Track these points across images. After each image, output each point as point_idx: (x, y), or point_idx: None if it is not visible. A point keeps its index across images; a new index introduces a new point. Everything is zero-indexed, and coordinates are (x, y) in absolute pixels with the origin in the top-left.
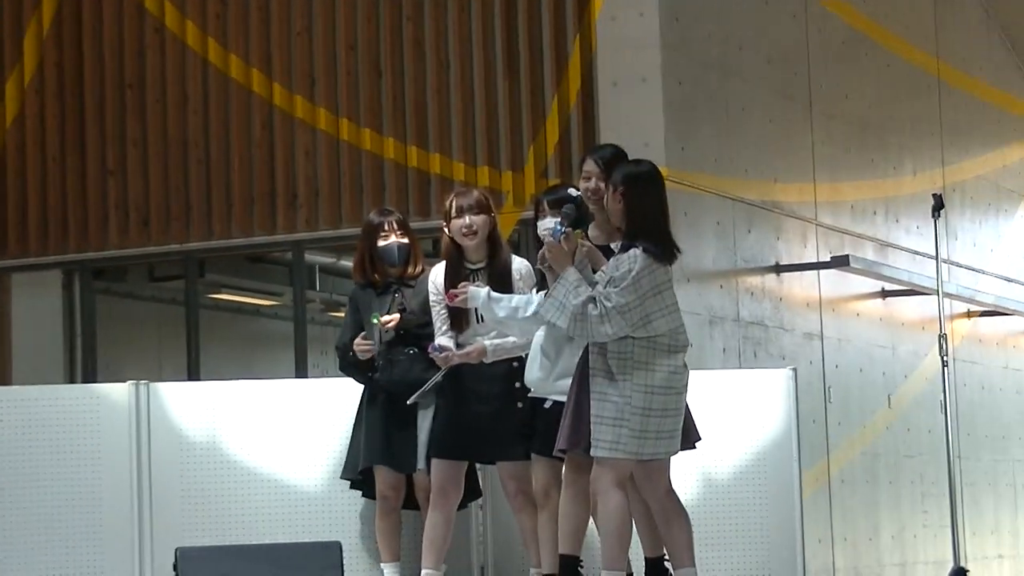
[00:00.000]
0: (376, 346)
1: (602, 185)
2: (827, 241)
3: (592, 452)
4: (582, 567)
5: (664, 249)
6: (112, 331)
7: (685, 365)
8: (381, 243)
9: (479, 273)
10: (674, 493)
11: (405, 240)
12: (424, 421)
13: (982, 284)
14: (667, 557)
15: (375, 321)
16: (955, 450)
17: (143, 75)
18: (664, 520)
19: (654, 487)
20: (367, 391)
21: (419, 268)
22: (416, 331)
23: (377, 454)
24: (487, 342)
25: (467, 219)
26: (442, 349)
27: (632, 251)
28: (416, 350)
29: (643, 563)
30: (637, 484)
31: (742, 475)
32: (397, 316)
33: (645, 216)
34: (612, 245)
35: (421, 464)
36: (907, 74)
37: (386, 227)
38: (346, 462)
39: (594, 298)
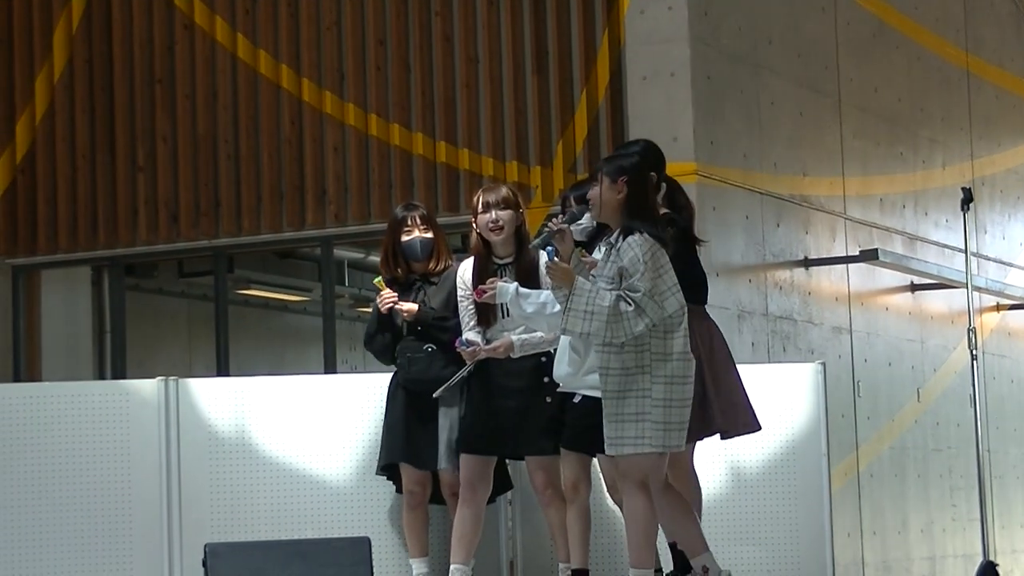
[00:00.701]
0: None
1: None
2: (856, 235)
3: (612, 451)
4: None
5: (662, 232)
6: (141, 327)
7: (691, 354)
8: (404, 238)
9: (506, 268)
10: (672, 486)
11: (428, 235)
12: (446, 419)
13: (1011, 277)
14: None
15: (375, 282)
16: (984, 444)
17: (172, 71)
18: (671, 514)
19: (655, 483)
20: (391, 386)
21: (442, 264)
22: (436, 323)
23: (398, 451)
24: (514, 337)
25: (493, 214)
26: (469, 343)
27: (631, 237)
28: (434, 347)
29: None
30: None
31: (771, 469)
32: (415, 306)
33: (645, 205)
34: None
35: (443, 464)
36: (937, 67)
37: (409, 222)
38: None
39: (620, 296)
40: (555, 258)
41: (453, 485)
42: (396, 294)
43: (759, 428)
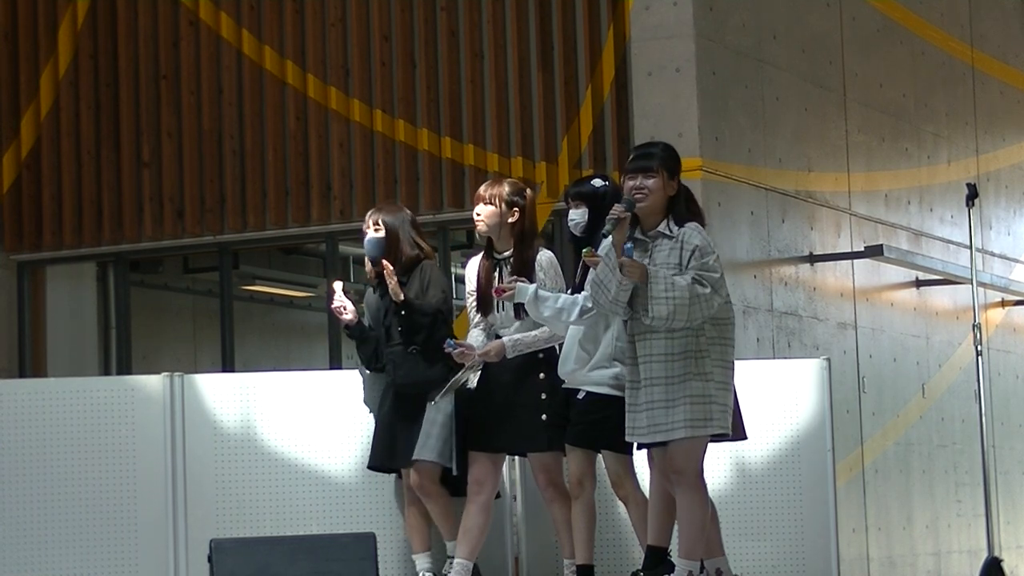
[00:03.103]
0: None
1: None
2: (861, 231)
3: (674, 435)
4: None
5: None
6: (147, 323)
7: None
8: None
9: (505, 263)
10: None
11: (379, 235)
12: (432, 413)
13: (1016, 273)
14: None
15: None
16: (989, 439)
17: (178, 67)
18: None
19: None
20: (384, 387)
21: (400, 260)
22: (416, 306)
23: (379, 456)
24: (506, 339)
25: (478, 207)
26: (457, 345)
27: (690, 224)
28: (417, 348)
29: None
30: (659, 470)
31: (776, 465)
32: (398, 290)
33: (692, 201)
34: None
35: (417, 454)
36: (941, 62)
37: (366, 223)
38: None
39: (695, 278)
40: (632, 255)
41: (420, 479)
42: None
43: (746, 437)
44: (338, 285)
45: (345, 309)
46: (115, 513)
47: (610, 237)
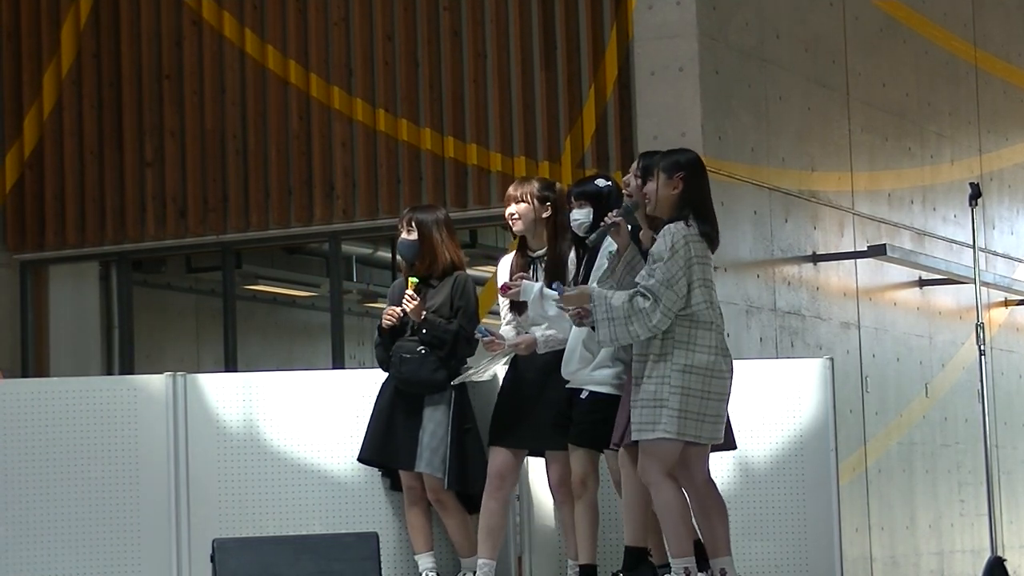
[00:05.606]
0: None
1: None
2: (864, 230)
3: (633, 436)
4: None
5: (713, 230)
6: (149, 322)
7: (727, 351)
8: (399, 238)
9: (539, 261)
10: (713, 483)
11: (411, 237)
12: (430, 423)
13: (1019, 273)
14: (651, 550)
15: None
16: (992, 439)
17: (180, 67)
18: (702, 510)
19: (692, 476)
20: (384, 381)
21: (435, 267)
22: (440, 326)
23: (375, 451)
24: (538, 333)
25: (512, 207)
26: (487, 333)
27: (671, 225)
28: (426, 350)
29: (657, 552)
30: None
31: (779, 464)
32: (418, 301)
33: (702, 201)
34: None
35: (422, 467)
36: (945, 62)
37: (401, 223)
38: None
39: (635, 292)
40: (562, 292)
41: (435, 491)
42: (400, 308)
43: (734, 447)
44: (412, 283)
45: (397, 317)
46: (118, 513)
47: (606, 240)
